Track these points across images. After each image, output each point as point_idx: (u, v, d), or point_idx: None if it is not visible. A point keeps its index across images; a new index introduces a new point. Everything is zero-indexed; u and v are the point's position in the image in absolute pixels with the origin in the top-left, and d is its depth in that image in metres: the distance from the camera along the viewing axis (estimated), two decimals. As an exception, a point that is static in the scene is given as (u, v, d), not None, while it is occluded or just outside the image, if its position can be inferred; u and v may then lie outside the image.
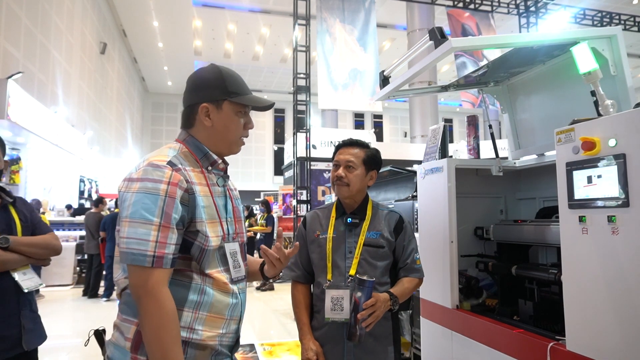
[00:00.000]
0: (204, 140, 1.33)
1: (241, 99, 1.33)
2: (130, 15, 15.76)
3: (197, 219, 1.21)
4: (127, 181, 1.20)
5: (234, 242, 1.33)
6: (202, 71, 1.36)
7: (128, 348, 1.16)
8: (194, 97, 1.32)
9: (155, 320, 1.10)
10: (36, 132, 7.30)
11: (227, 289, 1.26)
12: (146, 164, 1.20)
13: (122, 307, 1.23)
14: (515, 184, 2.94)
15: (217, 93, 1.31)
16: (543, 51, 2.24)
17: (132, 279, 1.13)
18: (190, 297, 1.20)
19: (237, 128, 1.35)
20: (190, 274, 1.21)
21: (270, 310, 6.67)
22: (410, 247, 1.89)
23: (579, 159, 1.63)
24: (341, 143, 1.94)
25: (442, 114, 23.38)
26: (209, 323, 1.22)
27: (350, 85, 6.99)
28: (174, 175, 1.18)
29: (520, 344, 1.89)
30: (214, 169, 1.33)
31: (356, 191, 1.87)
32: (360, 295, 1.65)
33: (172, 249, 1.15)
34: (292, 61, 6.63)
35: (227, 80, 1.33)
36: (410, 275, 1.85)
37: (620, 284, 1.48)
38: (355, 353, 1.75)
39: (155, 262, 1.11)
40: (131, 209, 1.14)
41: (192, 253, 1.22)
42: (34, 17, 8.38)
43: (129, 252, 1.12)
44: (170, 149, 1.28)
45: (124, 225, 1.14)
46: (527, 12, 8.94)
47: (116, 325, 1.23)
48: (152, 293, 1.11)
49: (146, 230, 1.12)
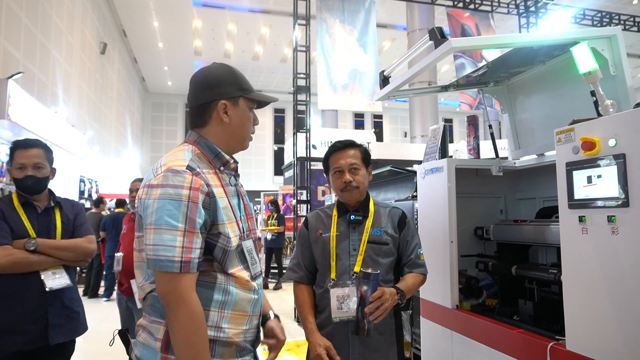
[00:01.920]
0: (216, 139, 1.33)
1: (254, 96, 1.37)
2: (130, 15, 15.75)
3: (218, 221, 1.23)
4: (147, 187, 1.20)
5: (249, 240, 1.35)
6: (214, 69, 1.36)
7: (158, 348, 1.19)
8: (209, 95, 1.32)
9: (186, 327, 1.12)
10: (36, 132, 7.29)
11: (249, 286, 1.29)
12: (165, 169, 1.20)
13: (149, 310, 1.25)
14: (515, 184, 2.94)
15: (233, 90, 1.33)
16: (543, 51, 2.24)
17: (161, 285, 1.15)
18: (216, 297, 1.22)
19: (250, 124, 1.39)
20: (215, 274, 1.24)
21: (270, 310, 6.66)
22: (414, 242, 1.89)
23: (579, 159, 1.63)
24: (334, 148, 1.91)
25: (442, 114, 23.37)
26: (234, 320, 1.25)
27: (350, 86, 6.99)
28: (195, 180, 1.19)
29: (520, 344, 1.89)
30: (226, 169, 1.35)
31: (364, 191, 1.87)
32: (366, 288, 1.64)
33: (197, 254, 1.17)
34: (292, 61, 6.62)
35: (239, 77, 1.36)
36: (415, 270, 1.85)
37: (620, 284, 1.48)
38: (361, 350, 1.75)
39: (183, 268, 1.13)
40: (155, 215, 1.15)
41: (215, 255, 1.24)
42: (34, 17, 8.38)
43: (157, 259, 1.13)
44: (185, 151, 1.28)
45: (150, 233, 1.15)
46: (527, 12, 8.94)
47: (143, 326, 1.25)
48: (183, 299, 1.13)
49: (172, 237, 1.13)
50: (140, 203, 1.22)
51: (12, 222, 2.00)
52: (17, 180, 2.07)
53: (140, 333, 1.26)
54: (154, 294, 1.21)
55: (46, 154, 2.17)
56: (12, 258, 1.92)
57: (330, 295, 1.74)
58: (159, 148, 24.15)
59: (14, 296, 1.96)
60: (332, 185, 1.92)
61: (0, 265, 1.88)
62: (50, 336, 2.00)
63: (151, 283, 1.22)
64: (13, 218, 2.02)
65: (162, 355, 1.18)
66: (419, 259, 1.88)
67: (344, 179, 1.83)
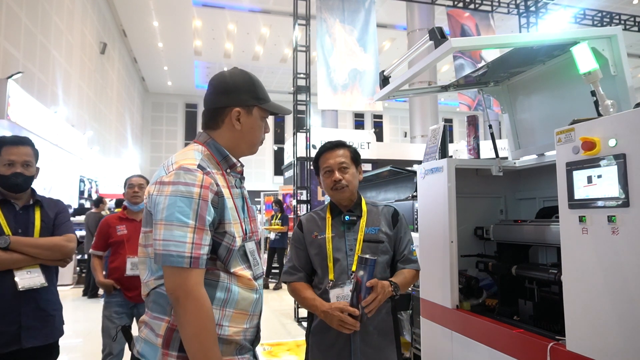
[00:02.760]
0: (226, 143, 1.37)
1: (269, 106, 1.40)
2: (130, 15, 15.74)
3: (225, 220, 1.26)
4: (158, 184, 1.23)
5: (251, 241, 1.38)
6: (233, 75, 1.39)
7: (159, 344, 1.20)
8: (225, 100, 1.35)
9: (196, 322, 1.14)
10: (36, 132, 7.30)
11: (251, 285, 1.32)
12: (177, 167, 1.23)
13: (151, 305, 1.27)
14: (515, 184, 2.94)
15: (249, 98, 1.36)
16: (543, 51, 2.24)
17: (170, 281, 1.17)
18: (218, 295, 1.24)
19: (260, 132, 1.42)
20: (218, 273, 1.26)
21: (270, 310, 6.67)
22: (407, 238, 1.91)
23: (579, 159, 1.63)
24: (323, 148, 1.92)
25: (442, 114, 23.35)
26: (235, 319, 1.27)
27: (350, 86, 6.98)
28: (206, 178, 1.22)
29: (520, 344, 1.89)
30: (232, 172, 1.38)
31: (355, 190, 1.88)
32: (362, 274, 1.64)
33: (206, 250, 1.19)
34: (292, 61, 6.61)
35: (257, 86, 1.39)
36: (408, 266, 1.87)
37: (620, 284, 1.48)
38: (362, 349, 1.75)
39: (193, 263, 1.15)
40: (166, 212, 1.17)
41: (219, 254, 1.26)
42: (34, 17, 8.38)
43: (167, 253, 1.15)
44: (195, 151, 1.31)
45: (160, 228, 1.17)
46: (527, 12, 8.94)
47: (145, 322, 1.27)
48: (192, 294, 1.14)
49: (182, 233, 1.15)
50: (150, 199, 1.23)
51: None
52: (2, 176, 1.99)
53: (142, 329, 1.28)
54: (158, 290, 1.23)
55: (34, 153, 2.11)
56: None
57: (330, 296, 1.75)
58: (159, 148, 24.15)
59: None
60: (322, 185, 1.93)
61: None
62: (23, 339, 1.90)
63: (156, 279, 1.24)
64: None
65: (162, 351, 1.19)
66: (412, 255, 1.90)
67: (333, 177, 1.84)
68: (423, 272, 2.65)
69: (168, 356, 1.19)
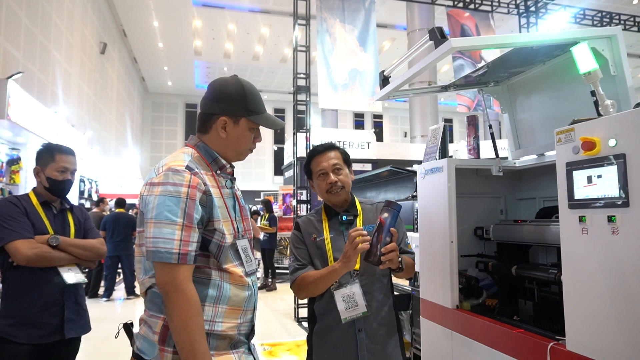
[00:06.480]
0: (215, 147, 1.43)
1: (257, 119, 1.44)
2: (130, 15, 15.74)
3: (214, 218, 1.32)
4: (149, 185, 1.30)
5: (244, 239, 1.44)
6: (227, 83, 1.43)
7: (156, 341, 1.27)
8: (214, 107, 1.41)
9: (183, 313, 1.20)
10: (36, 132, 7.29)
11: (243, 282, 1.37)
12: (166, 168, 1.29)
13: (149, 305, 1.34)
14: (515, 184, 2.94)
15: (237, 109, 1.40)
16: (543, 51, 2.24)
17: (160, 276, 1.23)
18: (210, 293, 1.30)
19: (247, 142, 1.46)
20: (209, 271, 1.32)
21: (270, 310, 6.67)
22: (402, 230, 1.93)
23: (579, 159, 1.63)
24: (314, 152, 1.92)
25: (442, 114, 23.36)
26: (228, 315, 1.33)
27: (350, 86, 6.98)
28: (193, 178, 1.28)
29: (520, 344, 1.89)
30: (222, 173, 1.44)
31: (349, 191, 1.90)
32: (386, 216, 1.64)
33: (194, 247, 1.25)
34: (292, 61, 6.62)
35: (249, 98, 1.41)
36: (405, 256, 1.89)
37: (620, 284, 1.48)
38: (368, 346, 1.76)
39: (181, 259, 1.22)
40: (155, 211, 1.24)
41: (211, 250, 1.32)
42: (34, 17, 8.37)
43: (156, 250, 1.21)
44: (185, 154, 1.38)
45: (150, 226, 1.24)
46: (527, 12, 8.93)
47: (144, 320, 1.34)
48: (180, 288, 1.20)
49: (171, 230, 1.22)
50: (142, 200, 1.30)
51: (33, 219, 2.11)
52: (55, 181, 2.18)
53: (141, 326, 1.35)
54: (154, 289, 1.29)
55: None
56: (38, 251, 2.00)
57: (336, 297, 1.74)
58: (159, 148, 24.15)
59: (34, 290, 2.05)
60: (316, 189, 1.92)
61: (27, 257, 1.96)
62: (66, 330, 2.09)
63: (150, 278, 1.29)
64: (34, 215, 2.12)
65: (159, 347, 1.26)
66: (407, 247, 1.94)
67: (329, 180, 1.84)
68: (423, 272, 2.66)
69: (164, 352, 1.25)
